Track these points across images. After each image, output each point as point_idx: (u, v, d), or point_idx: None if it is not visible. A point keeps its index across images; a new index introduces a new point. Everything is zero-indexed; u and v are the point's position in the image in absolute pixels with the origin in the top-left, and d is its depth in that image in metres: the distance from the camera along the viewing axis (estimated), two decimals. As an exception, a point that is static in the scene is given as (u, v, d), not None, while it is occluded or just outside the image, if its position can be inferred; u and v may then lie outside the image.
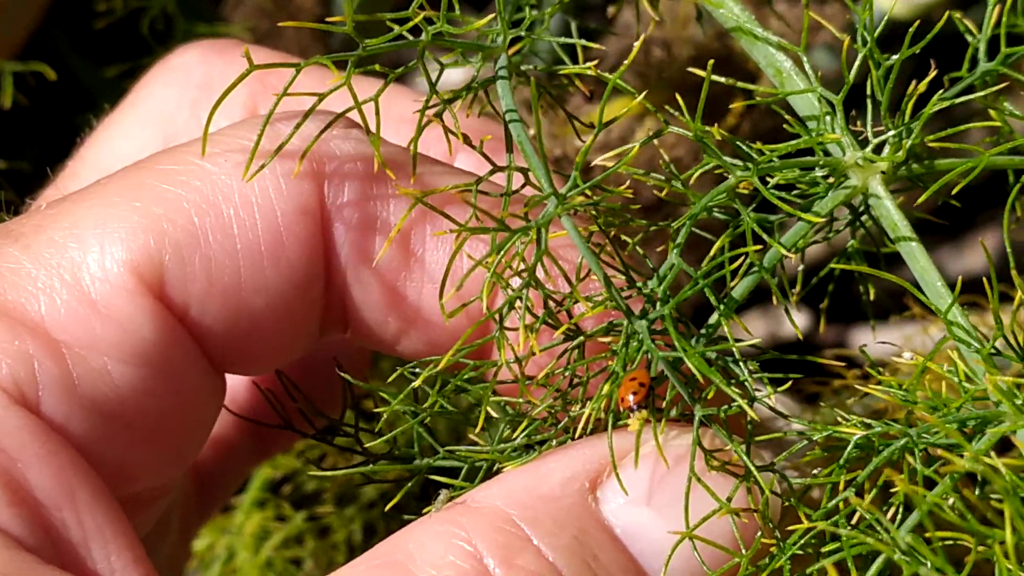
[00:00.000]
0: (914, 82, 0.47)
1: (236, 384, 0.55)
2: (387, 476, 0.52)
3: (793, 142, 0.48)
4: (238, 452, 0.60)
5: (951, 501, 0.40)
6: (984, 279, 0.44)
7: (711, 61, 0.46)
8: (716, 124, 0.47)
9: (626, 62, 0.46)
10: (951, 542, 0.41)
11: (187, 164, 0.48)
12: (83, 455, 0.46)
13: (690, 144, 0.69)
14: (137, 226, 0.47)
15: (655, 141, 0.49)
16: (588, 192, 0.47)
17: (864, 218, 0.49)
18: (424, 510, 0.48)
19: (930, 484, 0.43)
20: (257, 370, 0.52)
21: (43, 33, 0.81)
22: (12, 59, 0.71)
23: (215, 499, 0.61)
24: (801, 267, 0.52)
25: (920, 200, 0.46)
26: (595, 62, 0.47)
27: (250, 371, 0.52)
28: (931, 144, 0.48)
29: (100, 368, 0.46)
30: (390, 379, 0.49)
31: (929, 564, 0.38)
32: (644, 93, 0.47)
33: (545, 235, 0.47)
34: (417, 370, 0.49)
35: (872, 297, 0.52)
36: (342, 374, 0.51)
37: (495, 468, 0.50)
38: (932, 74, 0.47)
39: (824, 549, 0.45)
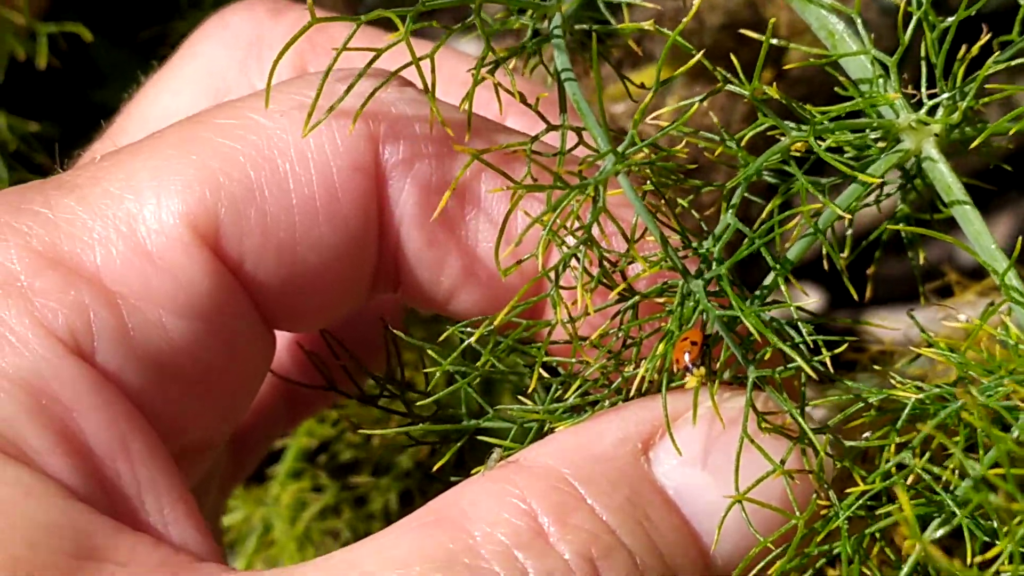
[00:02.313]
0: (965, 46, 0.48)
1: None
2: (436, 438, 0.52)
3: (847, 104, 0.48)
4: (271, 414, 0.60)
5: (1016, 434, 0.41)
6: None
7: (771, 20, 0.46)
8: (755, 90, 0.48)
9: (685, 19, 0.46)
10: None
11: (243, 119, 0.48)
12: (136, 406, 0.46)
13: (725, 114, 0.69)
14: (193, 179, 0.47)
15: (705, 104, 0.49)
16: (645, 150, 0.47)
17: (916, 182, 0.50)
18: (475, 469, 0.48)
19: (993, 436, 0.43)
20: (307, 326, 0.52)
21: (59, 5, 0.81)
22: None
23: (248, 461, 0.61)
24: (849, 231, 0.52)
25: (977, 143, 0.46)
26: (651, 20, 0.48)
27: (300, 327, 0.52)
28: (978, 108, 0.48)
29: (155, 320, 0.46)
30: (441, 337, 0.49)
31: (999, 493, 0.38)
32: (702, 52, 0.47)
33: (603, 192, 0.47)
34: (469, 329, 0.49)
35: (922, 260, 0.52)
36: (393, 330, 0.51)
37: (545, 429, 0.50)
38: (985, 38, 0.47)
39: (881, 511, 0.45)
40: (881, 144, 0.48)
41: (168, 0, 0.76)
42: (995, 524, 0.42)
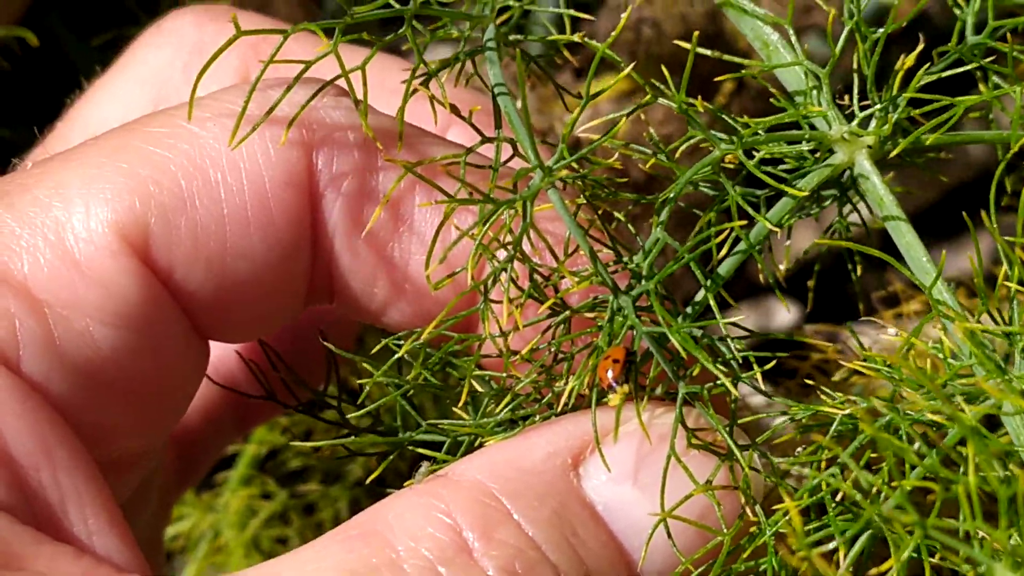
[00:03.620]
0: (902, 56, 0.47)
1: (219, 355, 0.55)
2: (370, 450, 0.51)
3: (778, 116, 0.48)
4: (219, 423, 0.60)
5: (916, 445, 0.40)
6: (968, 256, 0.44)
7: (696, 33, 0.46)
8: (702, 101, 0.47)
9: (614, 33, 0.46)
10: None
11: (175, 127, 0.48)
12: (62, 416, 0.46)
13: (679, 124, 0.68)
14: (123, 187, 0.47)
15: (643, 117, 0.49)
16: (575, 165, 0.47)
17: (854, 198, 0.49)
18: (405, 483, 0.48)
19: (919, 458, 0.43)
20: (241, 338, 0.52)
21: (36, 8, 0.81)
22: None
23: (195, 470, 0.61)
24: (788, 242, 0.51)
25: (896, 152, 0.46)
26: (582, 33, 0.47)
27: (234, 338, 0.51)
28: (917, 118, 0.47)
29: (82, 329, 0.46)
30: (374, 351, 0.49)
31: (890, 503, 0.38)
32: (632, 65, 0.47)
33: (531, 208, 0.47)
34: (401, 342, 0.48)
35: (859, 272, 0.51)
36: (326, 344, 0.51)
37: (477, 442, 0.49)
38: (920, 47, 0.47)
39: (809, 527, 0.44)
40: (816, 156, 0.48)
41: (122, 7, 0.76)
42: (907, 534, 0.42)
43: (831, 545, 0.44)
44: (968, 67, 0.46)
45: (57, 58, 0.75)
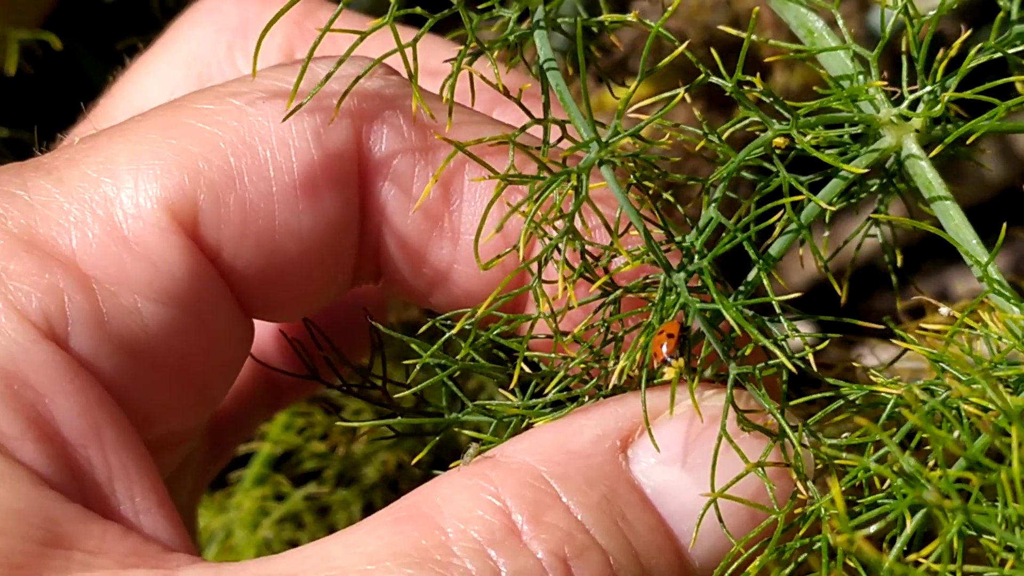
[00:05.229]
0: (942, 50, 0.48)
1: (256, 332, 0.54)
2: (415, 430, 0.51)
3: (827, 99, 0.48)
4: (252, 402, 0.59)
5: (956, 434, 0.40)
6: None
7: (756, 11, 0.46)
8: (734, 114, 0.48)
9: (670, 9, 0.46)
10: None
11: (225, 104, 0.47)
12: (110, 393, 0.45)
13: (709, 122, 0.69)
14: (172, 164, 0.46)
15: (687, 98, 0.49)
16: (631, 140, 0.47)
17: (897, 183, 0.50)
18: (452, 464, 0.47)
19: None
20: (286, 317, 0.51)
21: (56, 15, 0.81)
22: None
23: (227, 448, 0.60)
24: (827, 234, 0.52)
25: (953, 137, 0.46)
26: (635, 12, 0.48)
27: (279, 317, 0.51)
28: (960, 113, 0.48)
29: (130, 306, 0.46)
30: (420, 331, 0.49)
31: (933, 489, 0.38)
32: (685, 44, 0.47)
33: (586, 181, 0.46)
34: (450, 322, 0.48)
35: (900, 263, 0.52)
36: (373, 323, 0.50)
37: (525, 424, 0.49)
38: (965, 34, 0.47)
39: (863, 501, 0.44)
40: (863, 146, 0.48)
41: (147, 13, 0.76)
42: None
43: (873, 528, 0.44)
44: (1016, 50, 0.46)
45: (74, 71, 0.75)
